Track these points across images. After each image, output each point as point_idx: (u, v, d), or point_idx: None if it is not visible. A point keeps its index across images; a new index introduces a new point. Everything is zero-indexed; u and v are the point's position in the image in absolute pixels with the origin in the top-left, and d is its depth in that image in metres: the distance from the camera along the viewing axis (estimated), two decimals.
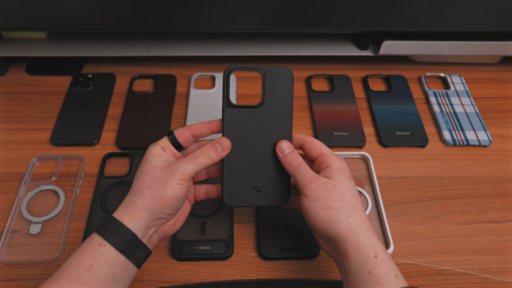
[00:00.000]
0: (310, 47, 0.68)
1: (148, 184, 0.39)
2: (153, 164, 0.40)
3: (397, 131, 0.61)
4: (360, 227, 0.38)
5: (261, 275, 0.48)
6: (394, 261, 0.38)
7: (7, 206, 0.53)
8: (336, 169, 0.41)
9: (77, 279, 0.36)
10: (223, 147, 0.42)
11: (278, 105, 0.43)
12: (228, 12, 0.60)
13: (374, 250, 0.37)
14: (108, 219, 0.39)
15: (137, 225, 0.38)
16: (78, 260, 0.37)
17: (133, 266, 0.39)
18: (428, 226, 0.52)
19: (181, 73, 0.70)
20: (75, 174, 0.56)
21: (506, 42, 0.66)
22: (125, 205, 0.39)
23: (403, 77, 0.69)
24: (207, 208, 0.52)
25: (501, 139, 0.62)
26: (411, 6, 0.60)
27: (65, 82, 0.68)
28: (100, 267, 0.36)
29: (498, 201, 0.55)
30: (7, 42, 0.68)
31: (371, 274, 0.36)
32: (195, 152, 0.41)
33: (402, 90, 0.68)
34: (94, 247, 0.37)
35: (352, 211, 0.39)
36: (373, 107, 0.65)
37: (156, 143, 0.42)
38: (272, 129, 0.43)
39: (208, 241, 0.49)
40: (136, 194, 0.39)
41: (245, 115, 0.43)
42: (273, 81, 0.43)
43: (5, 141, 0.60)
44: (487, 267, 0.49)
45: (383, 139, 0.60)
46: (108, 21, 0.60)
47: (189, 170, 0.40)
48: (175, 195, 0.39)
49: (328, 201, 0.39)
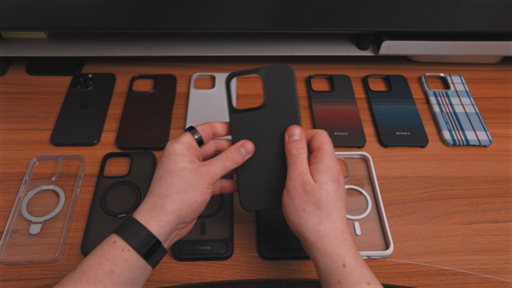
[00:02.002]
0: (310, 47, 0.68)
1: (178, 188, 0.37)
2: (180, 166, 0.38)
3: (397, 131, 0.61)
4: (328, 235, 0.37)
5: (261, 275, 0.48)
6: (366, 266, 0.37)
7: (7, 206, 0.53)
8: (323, 167, 0.39)
9: (96, 283, 0.34)
10: (247, 150, 0.41)
11: (282, 102, 0.42)
12: (228, 12, 0.60)
13: (342, 259, 0.36)
14: (132, 222, 0.37)
15: (162, 230, 0.37)
16: (98, 263, 0.35)
17: (151, 268, 0.38)
18: (428, 226, 0.52)
19: (181, 73, 0.70)
20: (75, 174, 0.56)
21: (506, 42, 0.65)
22: (151, 209, 0.37)
23: (403, 77, 0.69)
24: (207, 208, 0.52)
25: (501, 139, 0.62)
26: (411, 6, 0.60)
27: (65, 82, 0.68)
28: (121, 272, 0.35)
29: (498, 201, 0.55)
30: (7, 42, 0.68)
31: (341, 284, 0.35)
32: (221, 155, 0.40)
33: (402, 90, 0.68)
34: (116, 252, 0.36)
35: (324, 218, 0.37)
36: (373, 107, 0.65)
37: (179, 141, 0.40)
38: (280, 127, 0.43)
39: (208, 241, 0.49)
40: (164, 198, 0.37)
41: (251, 117, 0.43)
42: (273, 79, 0.42)
43: (5, 141, 0.60)
44: (487, 267, 0.49)
45: (383, 139, 0.60)
46: (108, 21, 0.60)
47: (218, 175, 0.39)
48: (204, 200, 0.39)
49: (303, 203, 0.38)
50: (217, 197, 0.53)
